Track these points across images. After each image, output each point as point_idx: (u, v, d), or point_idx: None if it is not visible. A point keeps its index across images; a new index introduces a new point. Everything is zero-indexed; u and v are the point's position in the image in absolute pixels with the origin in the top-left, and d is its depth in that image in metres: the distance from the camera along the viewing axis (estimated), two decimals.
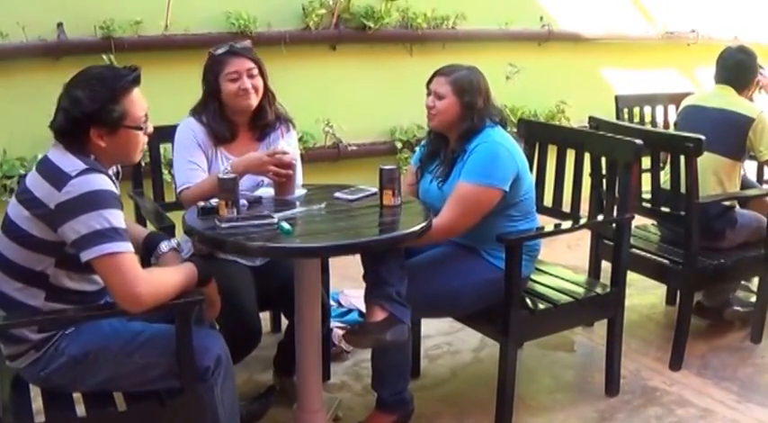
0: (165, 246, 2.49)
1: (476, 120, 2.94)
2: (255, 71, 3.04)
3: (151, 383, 2.37)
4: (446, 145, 3.05)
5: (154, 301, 2.20)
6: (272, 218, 2.57)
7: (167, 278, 2.28)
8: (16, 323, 2.27)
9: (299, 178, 3.06)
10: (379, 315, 2.72)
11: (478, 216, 2.88)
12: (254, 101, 3.04)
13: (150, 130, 2.38)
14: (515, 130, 3.83)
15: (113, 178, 2.29)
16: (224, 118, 3.05)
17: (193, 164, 3.00)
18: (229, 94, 3.00)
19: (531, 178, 3.07)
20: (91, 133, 2.24)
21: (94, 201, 2.15)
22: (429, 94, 3.00)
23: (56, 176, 2.18)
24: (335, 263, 3.27)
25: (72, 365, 2.30)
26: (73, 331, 2.32)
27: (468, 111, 2.94)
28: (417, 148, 3.25)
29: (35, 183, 2.22)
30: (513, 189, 2.91)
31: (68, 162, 2.20)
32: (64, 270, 2.25)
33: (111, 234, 2.14)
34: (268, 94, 3.11)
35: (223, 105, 3.04)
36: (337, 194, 2.92)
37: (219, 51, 3.04)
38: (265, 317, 3.66)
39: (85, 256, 2.14)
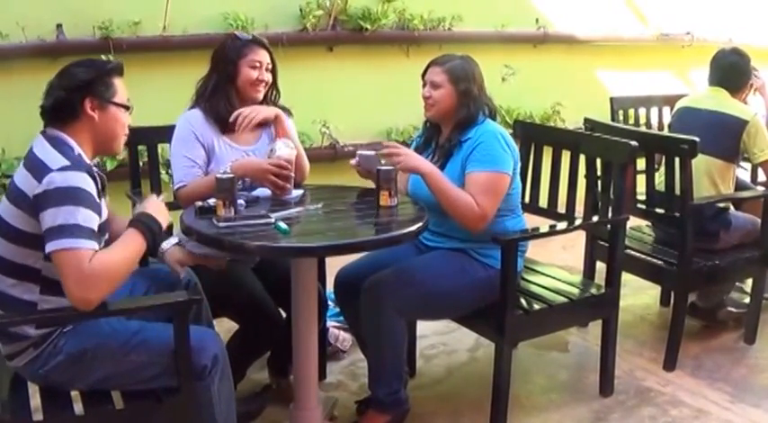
0: (165, 244, 2.54)
1: (472, 108, 2.98)
2: (270, 67, 3.09)
3: (148, 382, 2.38)
4: (438, 134, 3.09)
5: (104, 295, 2.19)
6: (270, 218, 2.59)
7: (114, 260, 2.22)
8: (14, 321, 2.29)
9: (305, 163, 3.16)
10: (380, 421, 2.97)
11: (500, 201, 2.92)
12: (262, 95, 3.09)
13: (129, 120, 2.46)
14: (511, 131, 3.84)
15: (97, 178, 2.30)
16: (233, 105, 3.05)
17: (189, 160, 2.99)
18: (247, 80, 3.02)
19: (519, 175, 3.11)
20: (85, 104, 2.33)
21: (66, 196, 2.18)
22: (425, 85, 3.04)
23: (38, 169, 2.22)
24: (333, 263, 3.28)
25: (70, 363, 2.32)
26: (71, 329, 2.34)
27: (464, 99, 2.97)
28: (414, 139, 3.29)
29: (21, 178, 2.27)
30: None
31: (52, 157, 2.24)
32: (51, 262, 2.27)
33: (74, 230, 2.15)
34: (272, 91, 3.15)
35: (236, 90, 3.04)
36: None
37: (244, 37, 3.07)
38: None
39: (47, 248, 2.16)
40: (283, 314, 3.07)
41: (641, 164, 3.64)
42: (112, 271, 2.19)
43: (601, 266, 3.56)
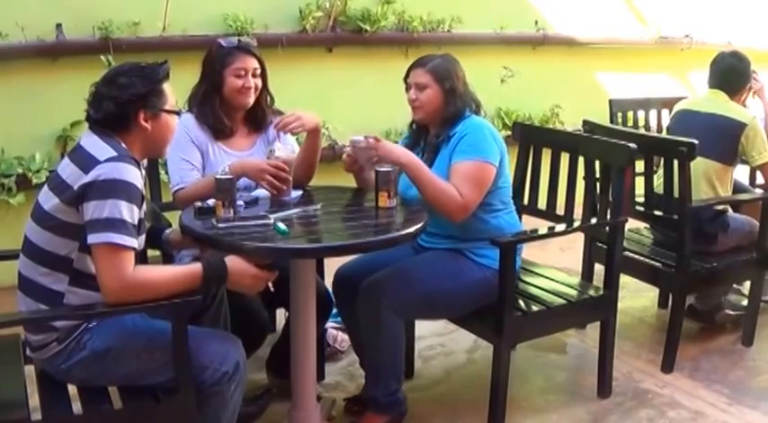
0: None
1: (458, 104, 2.99)
2: (259, 71, 3.08)
3: (172, 381, 2.36)
4: (426, 134, 3.10)
5: (135, 300, 2.25)
6: (269, 218, 2.59)
7: (158, 280, 2.30)
8: (44, 317, 2.33)
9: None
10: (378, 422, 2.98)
11: (484, 192, 2.92)
12: (252, 100, 3.08)
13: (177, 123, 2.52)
14: (509, 133, 3.85)
15: (142, 171, 2.36)
16: (223, 112, 3.06)
17: (187, 162, 3.01)
18: (233, 89, 3.03)
19: (508, 169, 3.11)
20: (139, 116, 2.36)
21: (113, 189, 2.22)
22: (408, 89, 3.05)
23: (86, 161, 2.26)
24: (332, 262, 3.28)
25: (93, 360, 2.34)
26: (95, 325, 2.35)
27: (450, 96, 2.99)
28: (401, 142, 3.28)
29: (65, 169, 2.31)
30: (496, 173, 2.96)
31: (100, 148, 2.29)
32: (87, 254, 2.29)
33: (119, 225, 2.20)
34: (264, 94, 3.14)
35: (223, 99, 3.06)
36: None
37: (228, 44, 3.07)
38: None
39: (90, 239, 2.21)
40: (285, 314, 3.07)
41: (640, 166, 3.64)
42: (150, 289, 2.27)
43: (599, 268, 3.56)
